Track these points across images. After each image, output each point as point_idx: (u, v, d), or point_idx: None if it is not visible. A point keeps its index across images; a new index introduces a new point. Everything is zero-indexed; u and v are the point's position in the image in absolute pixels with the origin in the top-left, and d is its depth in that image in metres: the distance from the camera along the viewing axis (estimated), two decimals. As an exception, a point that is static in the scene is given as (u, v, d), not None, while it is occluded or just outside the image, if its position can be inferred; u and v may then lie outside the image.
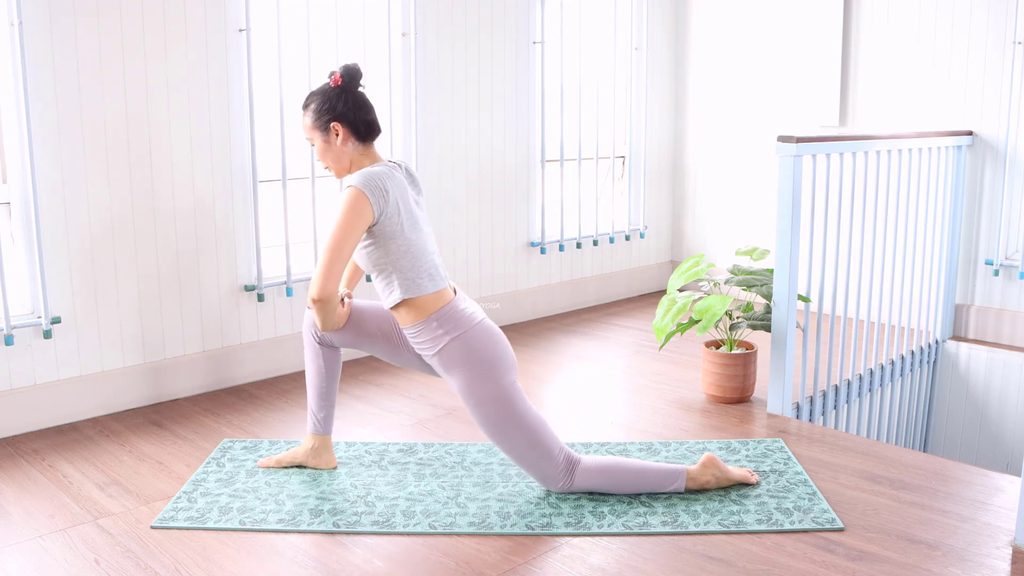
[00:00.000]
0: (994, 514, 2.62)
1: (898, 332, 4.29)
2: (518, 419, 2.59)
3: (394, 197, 2.56)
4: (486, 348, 2.60)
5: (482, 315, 2.68)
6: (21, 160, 3.24)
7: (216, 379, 3.82)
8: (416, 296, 2.59)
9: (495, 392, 2.57)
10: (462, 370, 2.59)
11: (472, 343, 2.59)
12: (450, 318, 2.60)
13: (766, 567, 2.33)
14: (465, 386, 2.59)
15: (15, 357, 3.30)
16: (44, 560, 2.39)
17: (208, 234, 3.75)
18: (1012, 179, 4.50)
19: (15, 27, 3.13)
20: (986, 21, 4.51)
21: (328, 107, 2.63)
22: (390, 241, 2.57)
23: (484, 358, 2.58)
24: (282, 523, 2.56)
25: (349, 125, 2.63)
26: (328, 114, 2.62)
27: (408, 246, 2.58)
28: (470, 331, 2.60)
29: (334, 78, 2.65)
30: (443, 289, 2.64)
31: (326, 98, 2.64)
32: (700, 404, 3.64)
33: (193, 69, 3.62)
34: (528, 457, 2.64)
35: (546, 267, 5.16)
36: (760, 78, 5.41)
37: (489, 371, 2.58)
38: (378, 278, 2.64)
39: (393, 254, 2.57)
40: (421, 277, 2.60)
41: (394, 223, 2.56)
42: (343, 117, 2.62)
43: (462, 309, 2.64)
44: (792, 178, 3.36)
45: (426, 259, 2.63)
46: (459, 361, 2.59)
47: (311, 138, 2.68)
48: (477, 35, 4.62)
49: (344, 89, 2.64)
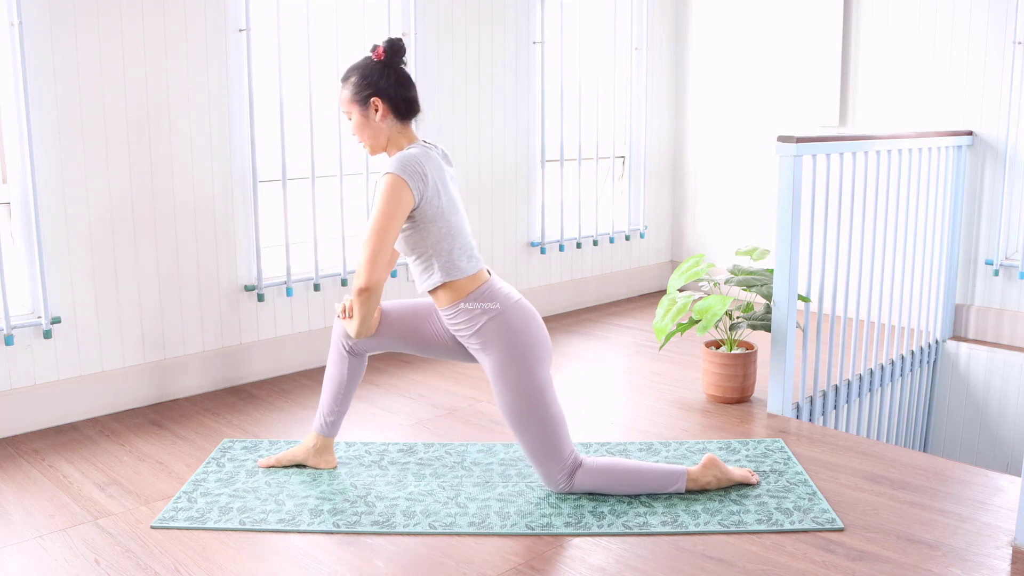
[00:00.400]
0: (994, 514, 2.62)
1: (898, 332, 4.29)
2: (541, 412, 2.58)
3: (433, 180, 2.53)
4: (524, 330, 2.58)
5: (519, 296, 2.67)
6: (21, 160, 3.24)
7: (216, 379, 3.82)
8: (456, 279, 2.57)
9: (526, 380, 2.56)
10: (498, 350, 2.57)
11: (510, 322, 2.57)
12: (487, 297, 2.58)
13: (766, 567, 2.33)
14: (498, 366, 2.57)
15: (15, 357, 3.30)
16: (44, 560, 2.39)
17: (208, 234, 3.75)
18: (1012, 179, 4.50)
19: (15, 27, 3.13)
20: (986, 21, 4.51)
21: (369, 81, 2.57)
22: (431, 224, 2.54)
23: (521, 340, 2.56)
24: (282, 523, 2.56)
25: (389, 101, 2.58)
26: (368, 88, 2.57)
27: (448, 228, 2.56)
28: (507, 310, 2.58)
29: (376, 52, 2.58)
30: (481, 270, 2.63)
31: (367, 72, 2.58)
32: (700, 404, 3.64)
33: (193, 69, 3.62)
34: (538, 452, 2.63)
35: (546, 267, 5.16)
36: (760, 78, 5.41)
37: (524, 356, 2.56)
38: (416, 261, 2.61)
39: (433, 237, 2.55)
40: (460, 259, 2.58)
41: (434, 206, 2.53)
42: (384, 93, 2.56)
43: (499, 288, 2.62)
44: (792, 178, 3.36)
45: (465, 240, 2.61)
46: (496, 340, 2.57)
47: (348, 112, 2.61)
48: (477, 35, 4.62)
49: (386, 64, 2.59)
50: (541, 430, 2.59)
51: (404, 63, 2.63)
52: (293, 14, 3.93)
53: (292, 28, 3.93)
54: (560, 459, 2.63)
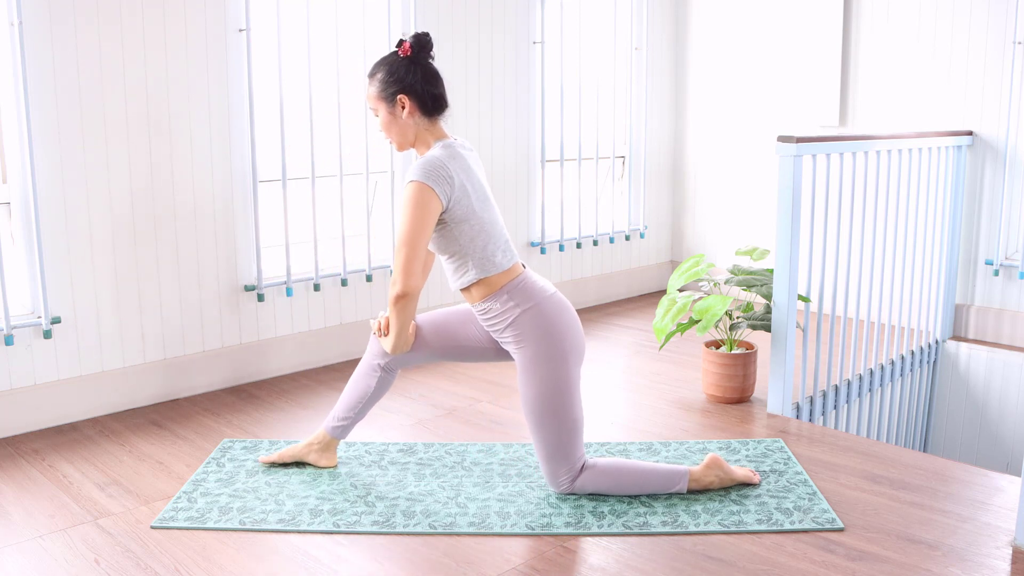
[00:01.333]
0: (994, 514, 2.62)
1: (898, 332, 4.29)
2: (563, 413, 2.57)
3: (460, 180, 2.50)
4: (559, 326, 2.56)
5: (553, 289, 2.64)
6: (21, 160, 3.24)
7: (216, 379, 3.82)
8: (490, 274, 2.56)
9: (555, 377, 2.54)
10: (532, 343, 2.54)
11: (545, 316, 2.55)
12: (522, 290, 2.57)
13: (766, 567, 2.33)
14: (531, 360, 2.55)
15: (15, 357, 3.30)
16: (44, 560, 2.39)
17: (208, 234, 3.75)
18: (1012, 179, 4.50)
19: (15, 27, 3.13)
20: (986, 21, 4.51)
21: (396, 78, 2.53)
22: (462, 224, 2.52)
23: (556, 336, 2.54)
24: (282, 523, 2.56)
25: (416, 98, 2.54)
26: (395, 85, 2.53)
27: (481, 225, 2.55)
28: (542, 303, 2.57)
29: (403, 48, 2.55)
30: (515, 264, 2.62)
31: (394, 68, 2.54)
32: (700, 404, 3.64)
33: (193, 69, 3.62)
34: (550, 451, 2.61)
35: (546, 267, 5.16)
36: (760, 78, 5.41)
37: (557, 353, 2.54)
38: (449, 260, 2.59)
39: (466, 236, 2.53)
40: (495, 254, 2.57)
41: (464, 206, 2.51)
42: (411, 89, 2.53)
43: (533, 282, 2.61)
44: (792, 178, 3.36)
45: (498, 234, 2.60)
46: (530, 333, 2.55)
47: (375, 108, 2.59)
48: (477, 35, 4.62)
49: (413, 60, 2.55)
50: (559, 430, 2.58)
51: (431, 58, 2.59)
52: (293, 14, 3.93)
53: (292, 28, 3.93)
54: (569, 462, 2.63)
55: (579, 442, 2.63)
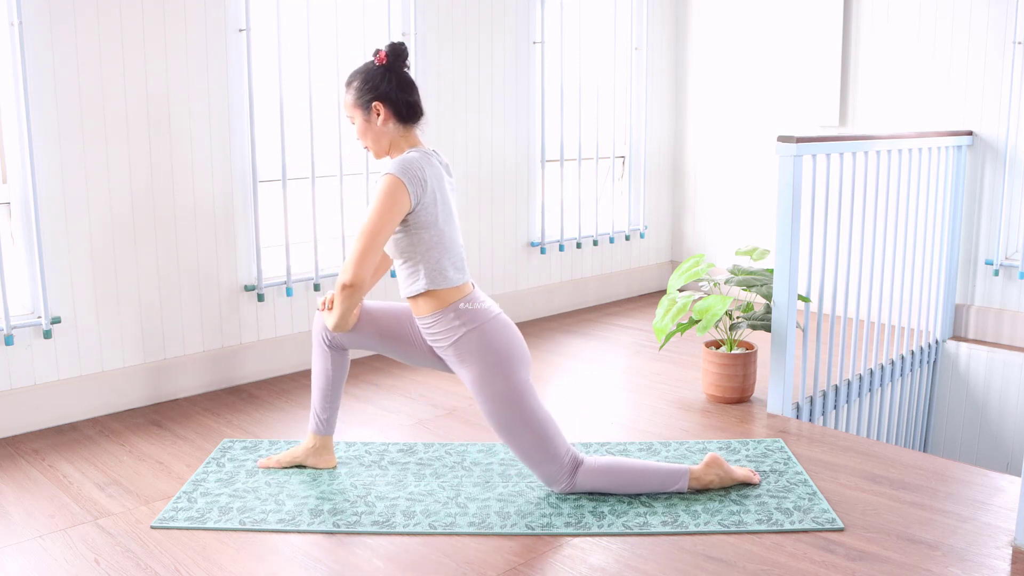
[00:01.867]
0: (994, 514, 2.62)
1: (898, 332, 4.29)
2: (527, 417, 2.58)
3: (432, 187, 2.53)
4: (501, 342, 2.58)
5: (498, 310, 2.67)
6: (21, 160, 3.24)
7: (216, 379, 3.82)
8: (440, 288, 2.57)
9: (507, 388, 2.56)
10: (476, 363, 2.57)
11: (488, 336, 2.57)
12: (468, 311, 2.59)
13: (766, 567, 2.33)
14: (477, 379, 2.57)
15: (15, 357, 3.30)
16: (44, 560, 2.39)
17: (208, 234, 3.75)
18: (1012, 179, 4.50)
19: (15, 27, 3.13)
20: (986, 21, 4.51)
21: (371, 86, 2.57)
22: (423, 231, 2.54)
23: (498, 352, 2.57)
24: (282, 523, 2.56)
25: (391, 105, 2.58)
26: (370, 93, 2.57)
27: (440, 237, 2.57)
28: (486, 324, 2.59)
29: (379, 56, 2.59)
30: (466, 282, 2.64)
31: (369, 76, 2.58)
32: (700, 404, 3.64)
33: (193, 69, 3.62)
34: (534, 457, 2.63)
35: (546, 267, 5.16)
36: (760, 78, 5.41)
37: (502, 366, 2.56)
38: (404, 265, 2.61)
39: (424, 243, 2.55)
40: (448, 269, 2.58)
41: (429, 213, 2.53)
42: (385, 97, 2.57)
43: (480, 303, 2.63)
44: (792, 178, 3.36)
45: (455, 251, 2.62)
46: (473, 353, 2.57)
47: (352, 116, 2.63)
48: (477, 35, 4.62)
49: (388, 68, 2.59)
50: (531, 435, 2.59)
51: (407, 67, 2.63)
52: (293, 14, 3.93)
53: (292, 28, 3.93)
54: (557, 459, 2.63)
55: (557, 438, 2.63)
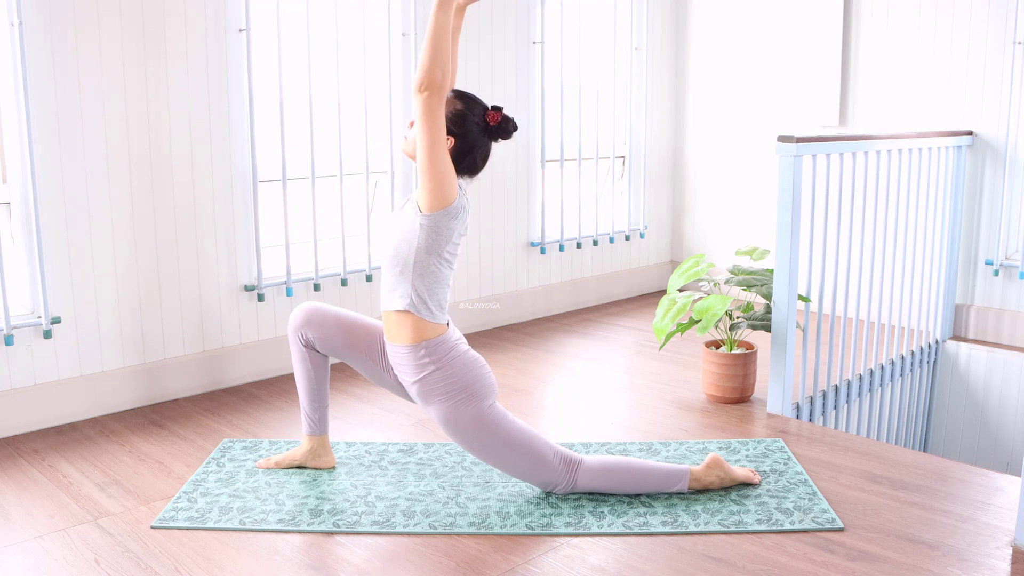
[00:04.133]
0: (994, 514, 2.62)
1: (898, 332, 4.29)
2: (502, 438, 2.58)
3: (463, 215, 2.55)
4: (467, 377, 2.57)
5: (467, 346, 2.65)
6: (21, 160, 3.24)
7: (216, 379, 3.82)
8: (420, 316, 2.55)
9: (475, 416, 2.56)
10: (442, 400, 2.57)
11: (455, 373, 2.56)
12: (438, 349, 2.57)
13: (766, 567, 2.33)
14: (446, 415, 2.58)
15: (15, 357, 3.30)
16: (44, 560, 2.39)
17: (208, 234, 3.75)
18: (1012, 179, 4.50)
19: (15, 27, 3.13)
20: (986, 21, 4.51)
21: (464, 124, 2.53)
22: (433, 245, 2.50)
23: (464, 386, 2.56)
24: (282, 523, 2.56)
25: (461, 153, 2.55)
26: (458, 127, 2.53)
27: (437, 271, 2.55)
28: (454, 362, 2.57)
29: (492, 115, 2.55)
30: (444, 324, 2.62)
31: (470, 116, 2.54)
32: (700, 404, 3.64)
33: (193, 69, 3.62)
34: (522, 469, 2.64)
35: (546, 267, 5.16)
36: (760, 78, 5.41)
37: (468, 398, 2.56)
38: (394, 269, 2.55)
39: (428, 267, 2.52)
40: (431, 304, 2.56)
41: (451, 229, 2.52)
42: (464, 141, 2.54)
43: (454, 342, 2.61)
44: (792, 178, 3.36)
45: (443, 291, 2.60)
46: (439, 391, 2.57)
47: None
48: (477, 35, 4.62)
49: (487, 130, 2.57)
50: (511, 451, 2.60)
51: (499, 140, 2.60)
52: (293, 14, 3.93)
53: (292, 28, 3.93)
54: (545, 464, 2.63)
55: (541, 446, 2.63)
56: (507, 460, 2.61)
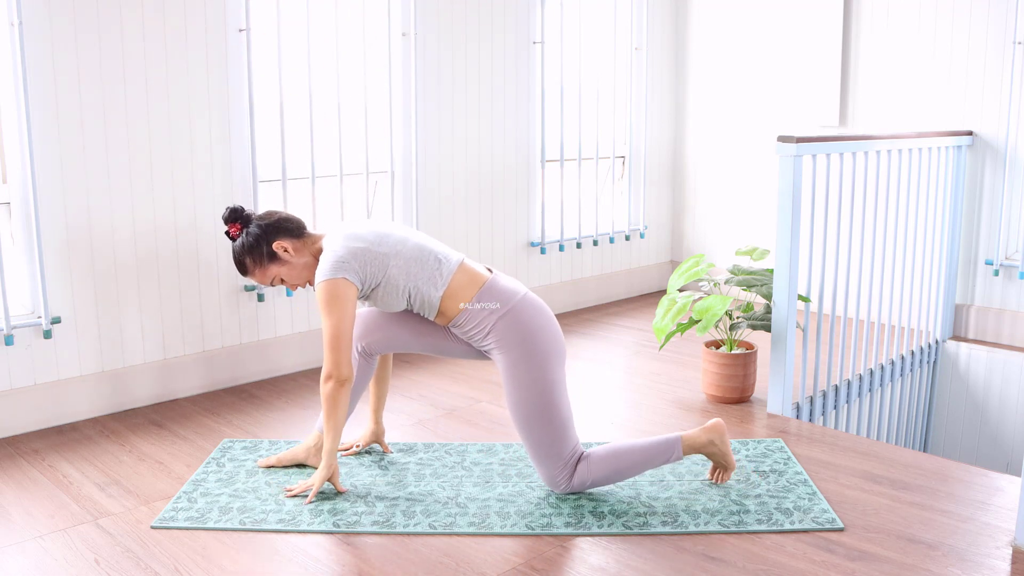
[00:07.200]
0: (994, 514, 2.62)
1: (898, 332, 4.29)
2: (550, 413, 2.58)
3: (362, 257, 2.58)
4: (534, 324, 2.59)
5: (525, 290, 2.67)
6: (21, 160, 3.24)
7: (216, 379, 3.82)
8: (447, 288, 2.60)
9: (538, 379, 2.56)
10: (510, 347, 2.57)
11: (519, 318, 2.58)
12: (489, 296, 2.60)
13: (766, 567, 2.33)
14: (510, 364, 2.57)
15: (15, 357, 3.30)
16: (44, 560, 2.39)
17: (208, 234, 3.75)
18: (1012, 179, 4.50)
19: (15, 27, 3.13)
20: (986, 21, 4.51)
21: (256, 246, 2.67)
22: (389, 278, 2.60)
23: (532, 335, 2.57)
24: (282, 523, 2.56)
25: (284, 235, 2.68)
26: (262, 248, 2.67)
27: (403, 262, 2.60)
28: (515, 306, 2.60)
29: (233, 230, 2.70)
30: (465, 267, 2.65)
31: (249, 245, 2.68)
32: (700, 404, 3.64)
33: (193, 69, 3.62)
34: (541, 452, 2.62)
35: (546, 267, 5.16)
36: (760, 78, 5.41)
37: (536, 352, 2.57)
38: (407, 302, 2.66)
39: (399, 280, 2.60)
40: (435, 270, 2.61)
41: (381, 270, 2.59)
42: (272, 238, 2.67)
43: (502, 286, 2.63)
44: (792, 178, 3.36)
45: (425, 252, 2.64)
46: (507, 338, 2.57)
47: (273, 278, 2.72)
48: (477, 35, 4.62)
49: (245, 228, 2.70)
50: (547, 431, 2.59)
51: (250, 217, 2.72)
52: (293, 14, 3.93)
53: (292, 28, 3.93)
54: (562, 459, 2.63)
55: (569, 439, 2.63)
56: (537, 434, 2.58)
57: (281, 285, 2.76)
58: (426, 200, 4.49)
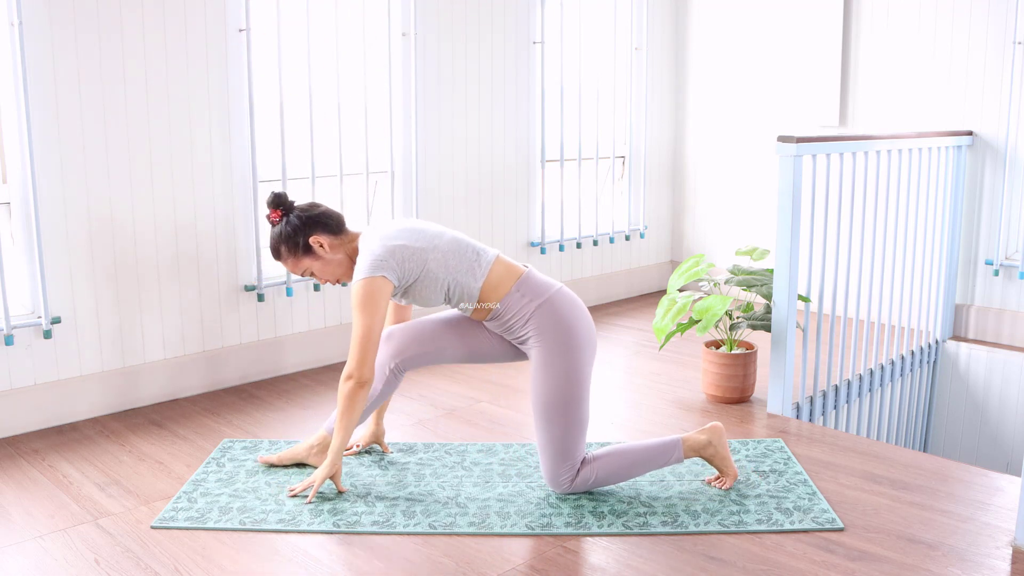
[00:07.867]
0: (994, 514, 2.62)
1: (898, 332, 4.29)
2: (572, 411, 2.59)
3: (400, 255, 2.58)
4: (570, 317, 2.61)
5: (559, 284, 2.69)
6: (21, 160, 3.24)
7: (216, 379, 3.82)
8: (486, 279, 2.62)
9: (570, 373, 2.58)
10: (546, 339, 2.59)
11: (557, 310, 2.60)
12: (530, 287, 2.62)
13: (766, 567, 2.33)
14: (544, 355, 2.59)
15: (15, 357, 3.30)
16: (44, 560, 2.39)
17: (208, 234, 3.75)
18: (1012, 179, 4.50)
19: (15, 27, 3.13)
20: (986, 21, 4.51)
21: (294, 236, 2.67)
22: (427, 271, 2.60)
23: (567, 328, 2.59)
24: (282, 523, 2.56)
25: (322, 231, 2.68)
26: (299, 239, 2.67)
27: (441, 256, 2.61)
28: (551, 298, 2.61)
29: (272, 215, 2.70)
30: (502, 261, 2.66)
31: (286, 235, 2.68)
32: (700, 404, 3.64)
33: (193, 69, 3.62)
34: (554, 449, 2.63)
35: (546, 267, 5.15)
36: (760, 78, 5.41)
37: (571, 346, 2.58)
38: (445, 296, 2.66)
39: (438, 273, 2.61)
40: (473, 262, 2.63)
41: (420, 264, 2.59)
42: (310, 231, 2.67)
43: (537, 281, 2.65)
44: (792, 178, 3.36)
45: (464, 246, 2.66)
46: (544, 329, 2.59)
47: (305, 270, 2.73)
48: (477, 35, 4.62)
49: (286, 216, 2.69)
50: (566, 426, 2.60)
51: (292, 205, 2.72)
52: (293, 14, 3.93)
53: (292, 28, 3.93)
54: (571, 460, 2.65)
55: (582, 441, 2.65)
56: (555, 430, 2.59)
57: (311, 277, 2.74)
58: (426, 200, 4.49)
